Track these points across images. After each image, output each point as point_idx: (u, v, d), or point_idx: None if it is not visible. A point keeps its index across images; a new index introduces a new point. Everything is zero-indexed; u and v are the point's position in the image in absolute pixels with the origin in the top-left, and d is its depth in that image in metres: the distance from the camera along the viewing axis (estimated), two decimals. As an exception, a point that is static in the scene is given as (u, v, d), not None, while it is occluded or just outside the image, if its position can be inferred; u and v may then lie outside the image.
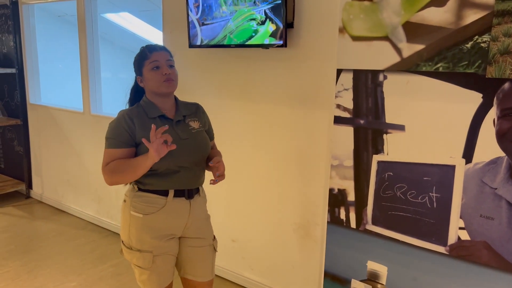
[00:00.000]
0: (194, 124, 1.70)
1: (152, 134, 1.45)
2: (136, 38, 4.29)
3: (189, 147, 1.64)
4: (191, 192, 1.67)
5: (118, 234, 3.42)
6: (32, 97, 4.08)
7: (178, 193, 1.64)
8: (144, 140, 1.48)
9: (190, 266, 1.74)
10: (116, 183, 1.59)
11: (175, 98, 1.72)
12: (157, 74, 1.60)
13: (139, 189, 1.64)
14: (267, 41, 2.15)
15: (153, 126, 1.46)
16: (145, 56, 1.63)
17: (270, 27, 2.12)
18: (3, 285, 2.67)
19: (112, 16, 4.14)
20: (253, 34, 2.19)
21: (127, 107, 1.74)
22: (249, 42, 2.22)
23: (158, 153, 1.46)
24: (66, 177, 3.89)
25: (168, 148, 1.47)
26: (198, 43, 2.44)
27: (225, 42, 2.32)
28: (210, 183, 1.65)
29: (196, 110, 1.76)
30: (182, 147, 1.60)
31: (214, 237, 1.82)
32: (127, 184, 1.68)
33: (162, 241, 1.64)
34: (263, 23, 2.14)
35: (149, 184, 1.61)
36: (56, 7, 4.12)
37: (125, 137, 1.58)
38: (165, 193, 1.62)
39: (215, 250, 1.80)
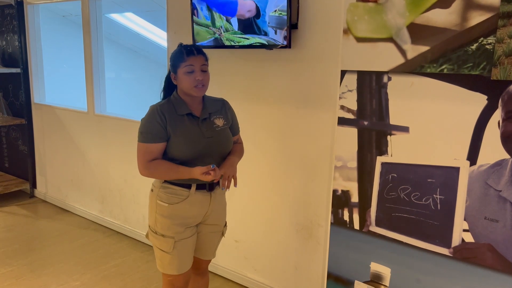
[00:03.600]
0: (219, 122, 1.81)
1: (206, 170, 1.63)
2: (141, 38, 4.30)
3: (212, 145, 1.76)
4: (212, 185, 1.80)
5: (121, 234, 3.44)
6: (36, 97, 4.09)
7: (200, 186, 1.77)
8: (199, 169, 1.64)
9: (197, 245, 1.91)
10: (150, 177, 1.77)
11: (203, 96, 1.82)
12: (190, 78, 1.69)
13: (165, 181, 1.77)
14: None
15: (213, 167, 1.64)
16: (182, 59, 1.70)
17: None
18: (7, 284, 2.68)
19: (116, 16, 4.15)
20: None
21: (161, 96, 1.85)
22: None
23: (200, 178, 1.65)
24: (70, 176, 3.91)
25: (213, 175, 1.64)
26: (203, 43, 2.44)
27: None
28: (222, 189, 1.80)
29: (221, 107, 1.87)
30: (206, 144, 1.74)
31: (226, 223, 1.99)
32: None
33: (183, 228, 1.78)
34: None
35: None
36: (60, 7, 4.13)
37: (159, 131, 1.69)
38: (188, 186, 1.75)
39: (223, 235, 1.99)
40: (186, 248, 1.81)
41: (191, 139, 1.71)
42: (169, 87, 1.82)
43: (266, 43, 2.17)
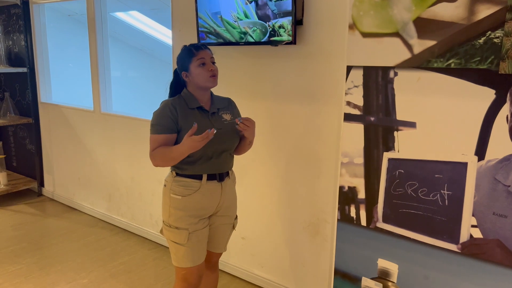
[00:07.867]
0: (226, 116, 1.90)
1: (191, 132, 1.65)
2: (146, 36, 4.31)
3: (221, 137, 1.82)
4: (222, 175, 1.88)
5: (128, 231, 3.45)
6: (43, 96, 4.12)
7: (211, 177, 1.84)
8: (197, 137, 1.64)
9: (209, 238, 1.95)
10: (161, 166, 1.81)
11: (211, 93, 1.91)
12: (204, 70, 1.79)
13: (177, 174, 1.84)
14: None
15: (194, 125, 1.65)
16: (193, 54, 1.79)
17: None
18: (16, 282, 2.71)
19: (121, 15, 4.16)
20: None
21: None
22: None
23: (192, 147, 1.66)
24: (77, 175, 3.93)
25: (205, 137, 1.64)
26: (207, 41, 2.44)
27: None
28: (238, 119, 1.77)
29: (228, 104, 1.96)
30: (215, 136, 1.77)
31: (236, 216, 2.04)
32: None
33: (196, 220, 1.84)
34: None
35: (186, 169, 1.82)
36: (66, 7, 4.15)
37: (170, 124, 1.77)
38: (199, 177, 1.82)
39: (233, 228, 2.04)
40: (200, 240, 1.86)
41: (202, 130, 1.77)
42: (176, 91, 1.89)
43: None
